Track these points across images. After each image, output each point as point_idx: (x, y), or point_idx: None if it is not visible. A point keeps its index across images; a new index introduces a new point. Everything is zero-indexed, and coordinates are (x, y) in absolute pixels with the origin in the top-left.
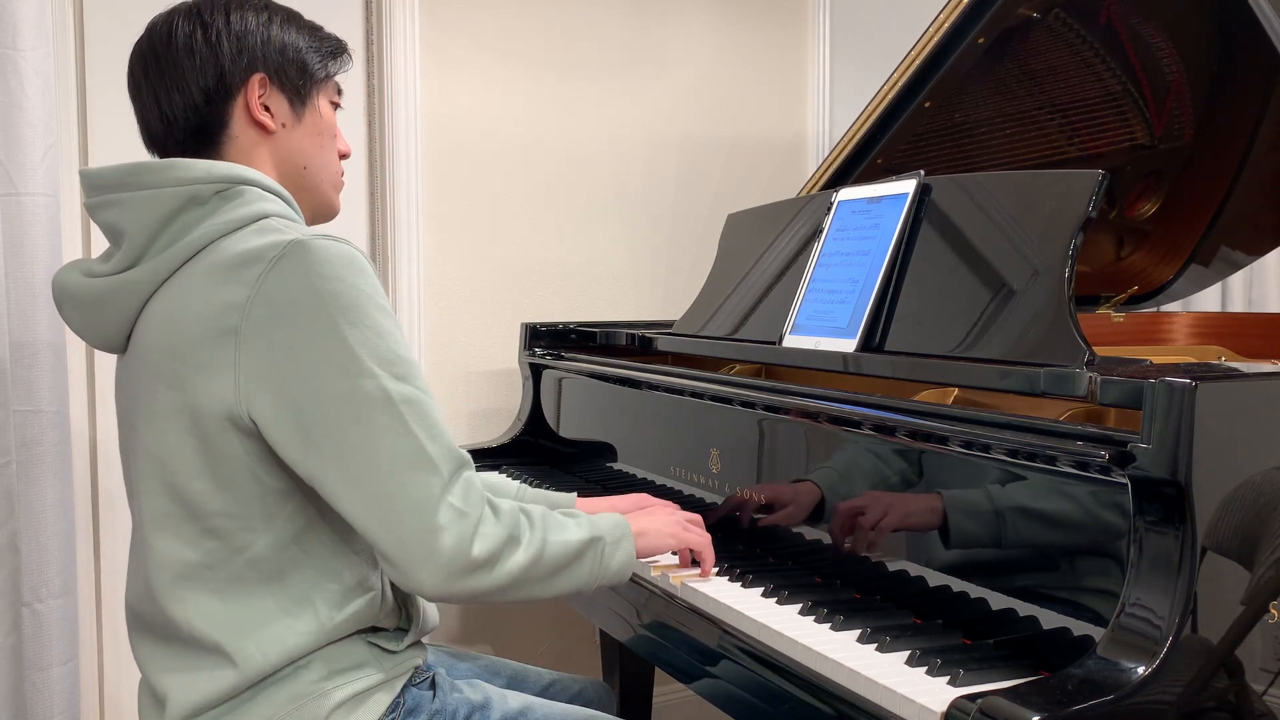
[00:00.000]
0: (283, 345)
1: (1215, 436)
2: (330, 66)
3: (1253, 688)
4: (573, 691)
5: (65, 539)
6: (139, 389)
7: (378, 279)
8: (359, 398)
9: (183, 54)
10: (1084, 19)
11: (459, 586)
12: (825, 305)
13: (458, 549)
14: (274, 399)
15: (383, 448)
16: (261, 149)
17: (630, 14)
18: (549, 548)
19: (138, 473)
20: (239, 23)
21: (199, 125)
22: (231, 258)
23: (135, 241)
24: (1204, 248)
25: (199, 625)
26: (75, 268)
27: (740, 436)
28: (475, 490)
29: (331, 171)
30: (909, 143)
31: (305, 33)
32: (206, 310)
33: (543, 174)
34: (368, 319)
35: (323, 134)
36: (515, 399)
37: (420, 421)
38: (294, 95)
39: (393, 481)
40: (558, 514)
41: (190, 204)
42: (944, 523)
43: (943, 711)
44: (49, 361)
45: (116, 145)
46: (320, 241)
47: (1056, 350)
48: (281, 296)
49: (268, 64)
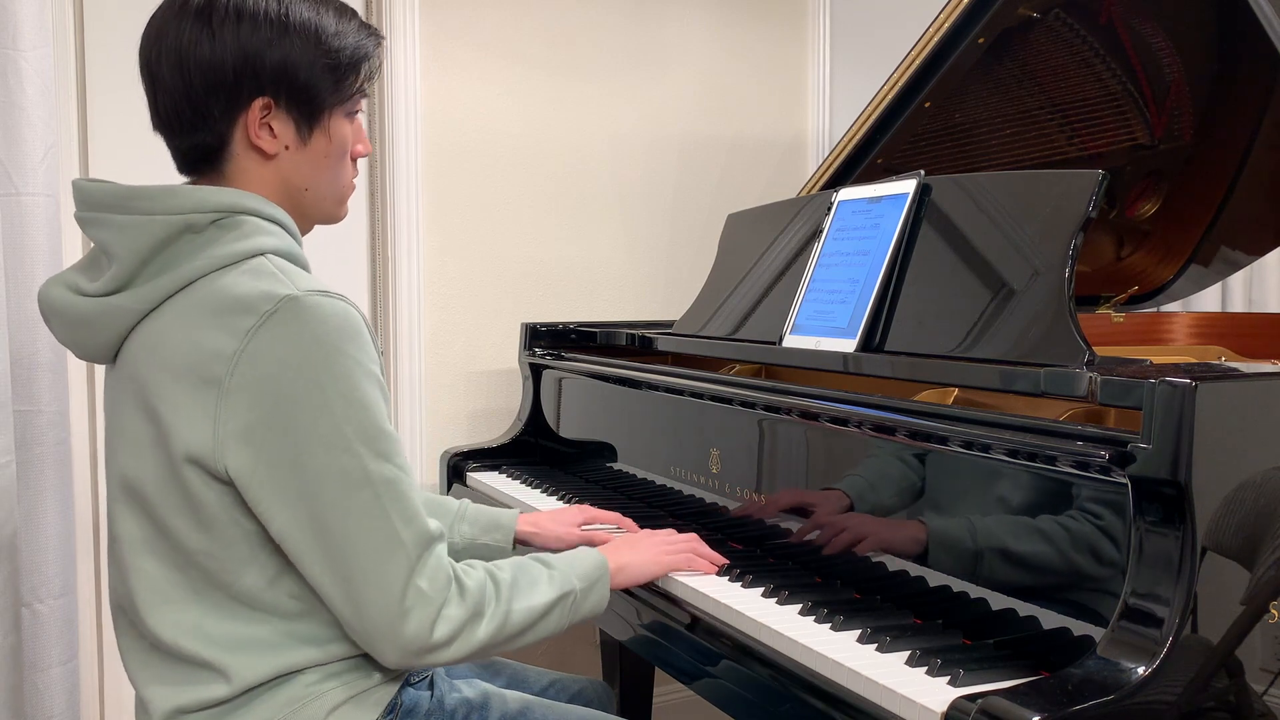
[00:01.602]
0: (266, 407)
1: (1215, 436)
2: (347, 87)
3: (1253, 688)
4: (572, 691)
5: (65, 539)
6: (120, 411)
7: (371, 337)
8: (338, 474)
9: (185, 57)
10: (1084, 19)
11: (418, 662)
12: (825, 305)
13: (418, 633)
14: (251, 459)
15: (356, 527)
16: (262, 169)
17: (630, 14)
18: (513, 616)
19: (114, 494)
20: (249, 31)
21: (196, 141)
22: (223, 301)
23: (125, 266)
24: (1204, 248)
25: (186, 644)
26: (61, 282)
27: (740, 437)
28: (442, 570)
29: (337, 188)
30: (909, 143)
31: (327, 38)
32: (192, 353)
33: (543, 174)
34: (355, 391)
35: (330, 155)
36: (515, 399)
37: (396, 504)
38: (301, 119)
39: (363, 561)
40: (532, 567)
41: (185, 232)
42: (927, 538)
43: (943, 711)
44: (49, 362)
45: (116, 145)
46: (315, 299)
47: (1057, 350)
48: (270, 356)
49: (275, 87)
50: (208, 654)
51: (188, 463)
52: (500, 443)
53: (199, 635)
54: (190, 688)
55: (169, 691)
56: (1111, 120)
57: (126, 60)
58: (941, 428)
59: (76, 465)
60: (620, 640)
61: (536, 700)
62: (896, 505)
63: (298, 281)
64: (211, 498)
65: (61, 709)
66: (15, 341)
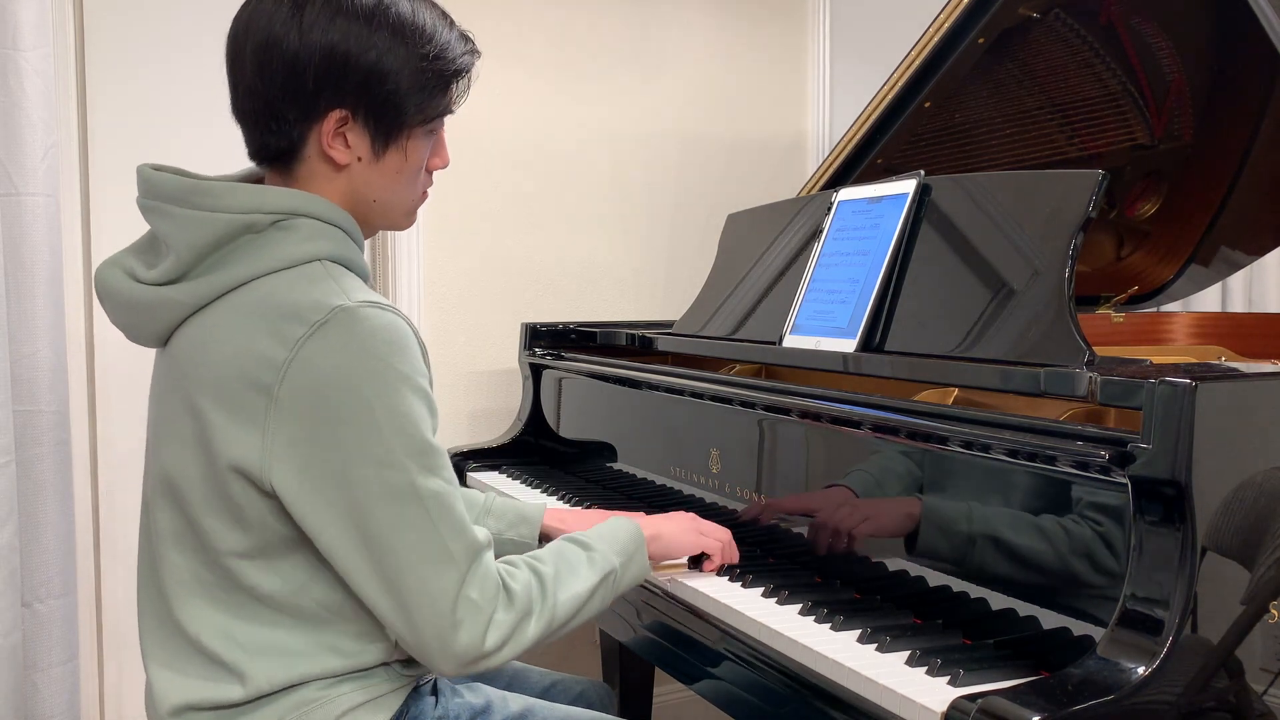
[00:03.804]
0: (315, 420)
1: (1215, 436)
2: (435, 105)
3: (1253, 688)
4: (574, 693)
5: (65, 539)
6: (165, 405)
7: (421, 350)
8: (385, 489)
9: (270, 53)
10: (1084, 19)
11: (472, 669)
12: (825, 305)
13: (471, 643)
14: (299, 474)
15: (406, 542)
16: (332, 175)
17: (630, 14)
18: (559, 609)
19: (153, 485)
20: (341, 30)
21: (268, 141)
22: (275, 306)
23: (182, 259)
24: (1204, 248)
25: (209, 642)
26: (118, 265)
27: (740, 437)
28: (491, 579)
29: (406, 201)
30: (909, 143)
31: (426, 45)
32: (242, 357)
33: (543, 174)
34: (404, 405)
35: (404, 173)
36: (515, 399)
37: (445, 517)
38: (378, 135)
39: (413, 575)
40: (571, 552)
41: (245, 231)
42: (917, 526)
43: (943, 711)
44: (49, 361)
45: (117, 145)
46: (366, 311)
47: (1056, 350)
48: (321, 366)
49: (356, 98)
50: (229, 655)
51: (231, 469)
52: (500, 443)
53: (224, 636)
54: (205, 684)
55: (183, 683)
56: (1111, 120)
57: (127, 60)
58: (941, 428)
59: (76, 465)
60: (620, 640)
61: (538, 702)
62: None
63: (351, 292)
64: (248, 501)
65: (61, 709)
66: (15, 341)
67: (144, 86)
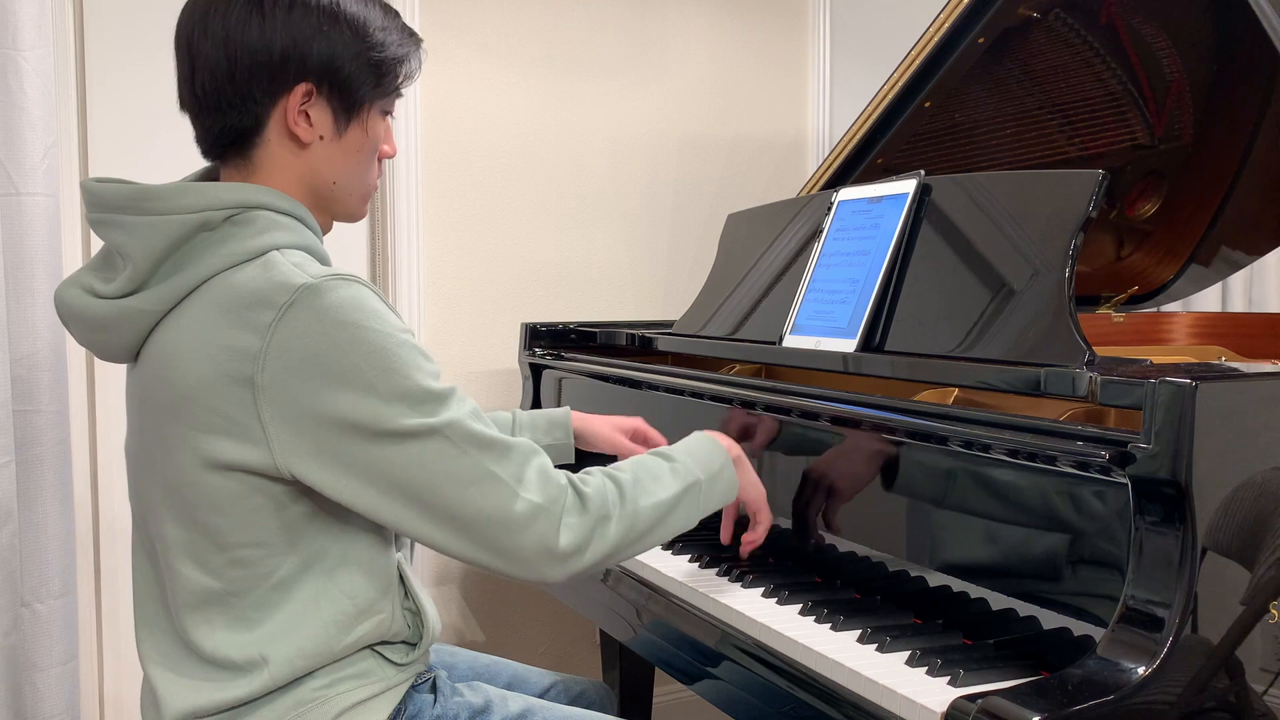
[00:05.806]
0: (309, 399)
1: (1215, 436)
2: (390, 83)
3: (1253, 688)
4: (574, 693)
5: (65, 539)
6: (149, 418)
7: (388, 308)
8: (402, 442)
9: (232, 37)
10: (1084, 19)
11: (562, 571)
12: (825, 305)
13: (543, 543)
14: (317, 461)
15: (440, 474)
16: (292, 158)
17: (630, 14)
18: (641, 515)
19: (155, 498)
20: (299, 18)
21: (231, 122)
22: (239, 297)
23: (140, 268)
24: (1204, 248)
25: (210, 649)
26: (76, 284)
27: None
28: (550, 481)
29: (364, 183)
30: (909, 143)
31: (373, 33)
32: (218, 354)
33: (543, 174)
34: (392, 361)
35: (363, 150)
36: (515, 399)
37: (469, 439)
38: (339, 110)
39: (464, 504)
40: (653, 463)
41: (199, 230)
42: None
43: (943, 712)
44: (49, 362)
45: (116, 145)
46: (329, 283)
47: (1057, 350)
48: (297, 347)
49: (319, 76)
50: (234, 659)
51: (231, 467)
52: None
53: (228, 643)
54: (210, 685)
55: (187, 688)
56: (1111, 120)
57: (126, 60)
58: (941, 428)
59: (76, 465)
60: (620, 640)
61: (538, 702)
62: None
63: (309, 270)
64: (258, 491)
65: (61, 709)
66: (15, 341)
67: (144, 86)
